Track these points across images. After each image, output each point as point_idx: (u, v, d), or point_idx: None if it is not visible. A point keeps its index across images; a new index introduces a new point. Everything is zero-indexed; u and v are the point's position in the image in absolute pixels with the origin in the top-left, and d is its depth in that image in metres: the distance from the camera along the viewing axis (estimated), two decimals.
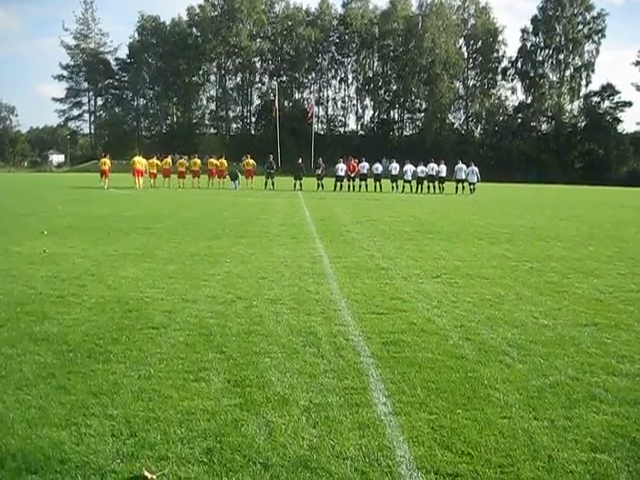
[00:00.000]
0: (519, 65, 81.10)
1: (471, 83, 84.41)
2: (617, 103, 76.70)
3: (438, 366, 4.47)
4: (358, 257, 9.54)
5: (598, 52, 78.35)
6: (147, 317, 5.64)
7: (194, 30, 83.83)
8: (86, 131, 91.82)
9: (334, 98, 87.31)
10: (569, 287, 7.55)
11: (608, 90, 76.37)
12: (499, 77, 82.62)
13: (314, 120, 58.96)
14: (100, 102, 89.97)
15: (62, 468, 2.95)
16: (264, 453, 3.12)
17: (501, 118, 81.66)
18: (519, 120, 79.97)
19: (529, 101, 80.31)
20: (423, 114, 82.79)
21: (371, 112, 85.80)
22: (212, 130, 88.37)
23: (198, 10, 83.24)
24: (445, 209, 21.58)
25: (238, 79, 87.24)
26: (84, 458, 3.03)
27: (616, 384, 4.20)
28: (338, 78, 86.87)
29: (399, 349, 4.85)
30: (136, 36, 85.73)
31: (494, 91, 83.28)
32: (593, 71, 78.16)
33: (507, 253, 10.44)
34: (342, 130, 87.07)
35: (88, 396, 3.79)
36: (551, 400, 3.90)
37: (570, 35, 77.12)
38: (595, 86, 78.82)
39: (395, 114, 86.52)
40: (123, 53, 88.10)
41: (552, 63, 79.42)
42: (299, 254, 9.71)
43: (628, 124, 77.36)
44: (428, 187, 33.28)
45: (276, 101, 53.90)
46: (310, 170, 37.06)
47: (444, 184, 33.16)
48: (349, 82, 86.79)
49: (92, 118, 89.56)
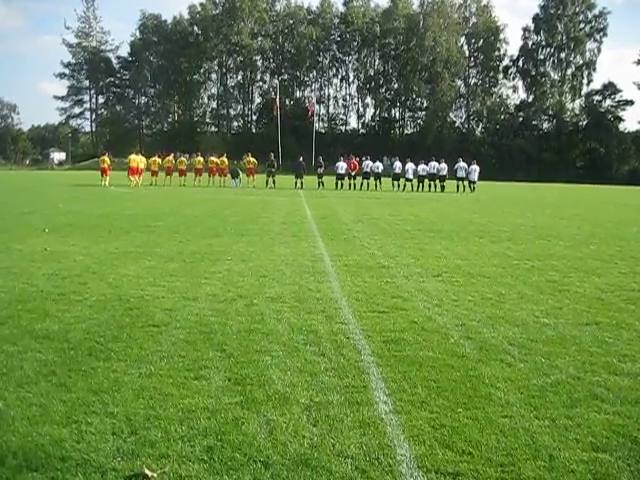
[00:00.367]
0: (520, 63, 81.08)
1: (472, 81, 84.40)
2: (619, 102, 76.73)
3: (439, 365, 4.47)
4: (359, 255, 9.54)
5: (600, 51, 78.60)
6: (148, 315, 5.64)
7: (195, 28, 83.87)
8: (87, 129, 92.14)
9: (335, 96, 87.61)
10: (570, 286, 7.54)
11: (610, 89, 76.34)
12: (500, 75, 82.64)
13: (315, 118, 58.99)
14: (101, 100, 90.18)
15: (63, 466, 2.95)
16: (265, 451, 3.12)
17: (502, 117, 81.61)
18: (520, 119, 79.94)
19: (530, 100, 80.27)
20: (424, 112, 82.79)
21: (372, 110, 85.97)
22: (213, 128, 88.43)
23: (199, 8, 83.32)
24: (446, 208, 21.57)
25: (239, 77, 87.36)
26: (85, 456, 3.03)
27: (617, 383, 4.19)
28: (339, 76, 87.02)
29: (400, 348, 4.84)
30: (137, 34, 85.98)
31: (495, 89, 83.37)
32: (595, 70, 78.34)
33: (508, 252, 10.44)
34: (343, 128, 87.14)
35: (89, 394, 3.79)
36: (552, 399, 3.90)
37: (572, 33, 77.04)
38: (597, 85, 79.08)
39: (396, 112, 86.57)
40: (124, 51, 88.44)
41: (553, 62, 79.42)
42: (300, 252, 9.70)
43: (630, 123, 78.19)
44: (429, 185, 33.28)
45: (277, 99, 53.87)
46: (311, 168, 37.07)
47: (445, 183, 33.15)
48: (350, 80, 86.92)
49: (93, 116, 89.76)
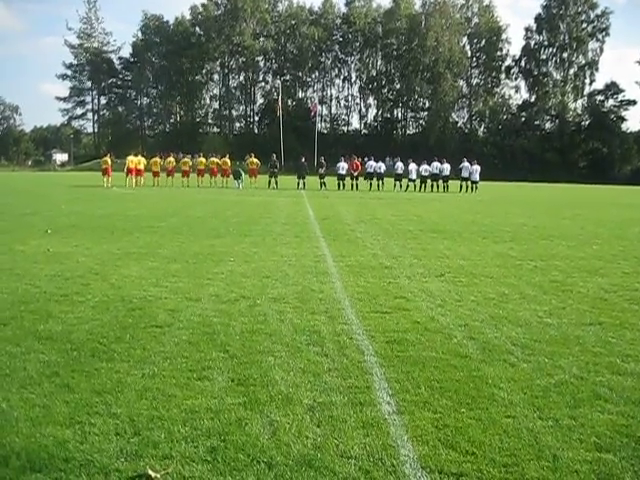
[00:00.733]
0: (523, 64, 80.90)
1: (475, 82, 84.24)
2: (621, 102, 76.52)
3: (442, 365, 4.46)
4: (362, 256, 9.53)
5: (602, 50, 78.29)
6: (151, 316, 5.64)
7: (197, 29, 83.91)
8: (89, 130, 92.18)
9: (337, 97, 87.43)
10: (573, 286, 7.53)
11: (612, 88, 76.16)
12: (503, 76, 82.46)
13: (317, 119, 59.00)
14: (103, 101, 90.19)
15: (66, 467, 2.95)
16: (268, 452, 3.12)
17: (505, 117, 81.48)
18: (523, 119, 79.81)
19: (533, 100, 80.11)
20: (426, 113, 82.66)
21: (374, 111, 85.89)
22: (215, 129, 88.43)
23: (201, 9, 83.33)
24: (448, 208, 21.55)
25: (241, 78, 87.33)
26: (88, 457, 3.03)
27: (621, 383, 4.19)
28: (341, 77, 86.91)
29: (403, 348, 4.84)
30: (139, 35, 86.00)
31: (498, 90, 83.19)
32: (597, 69, 78.08)
33: (511, 252, 10.42)
34: (345, 129, 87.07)
35: (92, 395, 3.79)
36: (556, 399, 3.89)
37: (574, 33, 76.86)
38: (599, 85, 78.89)
39: (398, 113, 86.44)
40: (126, 52, 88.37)
41: (556, 61, 79.19)
42: (303, 253, 9.70)
43: (632, 123, 77.90)
44: (432, 186, 33.26)
45: (279, 100, 53.89)
46: (313, 169, 37.07)
47: (448, 183, 33.12)
48: (352, 81, 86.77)
49: (95, 117, 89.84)
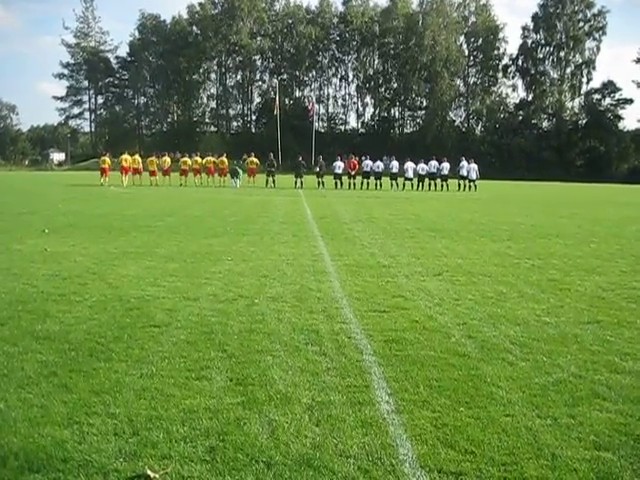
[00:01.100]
0: (520, 62, 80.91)
1: (472, 81, 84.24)
2: (618, 100, 76.56)
3: (440, 364, 4.47)
4: (359, 255, 9.53)
5: (599, 49, 78.24)
6: (148, 315, 5.63)
7: (194, 28, 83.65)
8: (87, 129, 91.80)
9: (335, 96, 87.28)
10: (571, 284, 7.54)
11: (609, 87, 76.21)
12: (500, 74, 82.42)
13: (315, 118, 58.97)
14: (101, 100, 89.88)
15: (64, 467, 2.95)
16: (267, 452, 3.12)
17: (502, 115, 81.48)
18: (520, 117, 79.81)
19: (530, 98, 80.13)
20: (424, 112, 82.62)
21: (372, 110, 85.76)
22: (213, 128, 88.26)
23: (198, 8, 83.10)
24: (446, 207, 21.56)
25: (239, 77, 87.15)
26: (86, 457, 3.03)
27: (619, 382, 4.19)
28: (339, 76, 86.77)
29: (401, 347, 4.84)
30: (136, 34, 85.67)
31: (495, 88, 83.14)
32: (594, 68, 78.09)
33: (509, 251, 10.43)
34: (343, 128, 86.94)
35: (90, 395, 3.79)
36: (554, 398, 3.90)
37: (571, 32, 76.91)
38: (596, 83, 78.77)
39: (396, 112, 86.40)
40: (123, 51, 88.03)
41: (553, 60, 79.26)
42: (300, 252, 9.70)
43: (629, 121, 77.95)
44: (429, 185, 33.26)
45: (277, 99, 53.84)
46: (311, 168, 37.05)
47: (447, 182, 33.14)
48: (350, 80, 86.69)
49: (93, 116, 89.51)
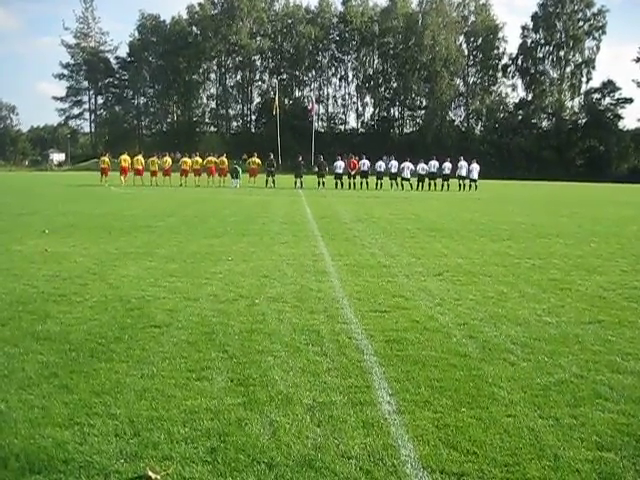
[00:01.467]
0: (519, 62, 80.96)
1: (471, 80, 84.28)
2: (618, 100, 76.62)
3: (442, 364, 4.46)
4: (360, 255, 9.52)
5: (599, 49, 78.32)
6: (149, 316, 5.62)
7: (194, 28, 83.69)
8: (87, 130, 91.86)
9: (334, 96, 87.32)
10: (572, 284, 7.53)
11: (609, 87, 76.25)
12: (499, 74, 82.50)
13: (314, 118, 58.96)
14: (100, 101, 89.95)
15: (65, 468, 2.94)
16: (268, 452, 3.11)
17: (502, 115, 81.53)
18: (520, 117, 79.84)
19: (530, 98, 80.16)
20: (423, 111, 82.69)
21: (371, 110, 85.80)
22: (212, 128, 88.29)
23: (198, 8, 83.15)
24: (446, 206, 21.55)
25: (238, 77, 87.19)
26: (87, 458, 3.02)
27: (621, 382, 4.18)
28: (338, 76, 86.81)
29: (402, 347, 4.83)
30: (136, 35, 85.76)
31: (494, 88, 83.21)
32: (594, 68, 78.17)
33: (509, 250, 10.43)
34: (342, 128, 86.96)
35: (91, 395, 3.78)
36: (556, 398, 3.89)
37: (570, 32, 76.94)
38: (596, 83, 78.85)
39: (395, 112, 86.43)
40: (123, 52, 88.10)
41: (552, 60, 79.30)
42: (301, 252, 9.69)
43: (629, 121, 77.95)
44: (429, 185, 33.25)
45: (276, 99, 53.81)
46: (311, 168, 37.03)
47: (449, 181, 33.12)
48: (349, 80, 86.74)
49: (92, 117, 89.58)
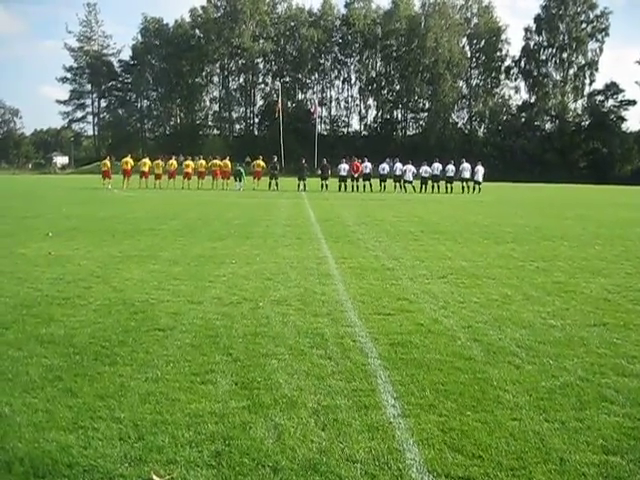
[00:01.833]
0: (522, 64, 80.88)
1: (474, 82, 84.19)
2: (621, 102, 76.47)
3: (446, 367, 4.44)
4: (363, 258, 9.51)
5: (602, 51, 78.15)
6: (153, 319, 5.62)
7: (197, 31, 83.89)
8: (90, 133, 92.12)
9: (337, 98, 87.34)
10: (576, 287, 7.51)
11: (612, 89, 76.12)
12: (502, 76, 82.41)
13: (317, 120, 59.01)
14: (104, 104, 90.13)
15: (70, 472, 2.93)
16: (273, 456, 3.10)
17: (505, 117, 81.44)
18: (523, 119, 79.74)
19: (533, 100, 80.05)
20: (426, 114, 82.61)
21: (374, 112, 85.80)
22: (215, 131, 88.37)
23: (201, 12, 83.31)
24: (449, 209, 21.53)
25: (241, 80, 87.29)
26: (92, 462, 3.01)
27: (626, 385, 4.16)
28: (341, 78, 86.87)
29: (407, 350, 4.82)
30: (139, 38, 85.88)
31: (497, 90, 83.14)
32: (597, 70, 78.00)
33: (513, 253, 10.40)
34: (345, 130, 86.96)
35: (95, 399, 3.77)
36: (561, 401, 3.87)
37: (573, 34, 76.85)
38: (599, 85, 78.79)
39: (398, 114, 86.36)
40: (126, 55, 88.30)
41: (555, 62, 79.17)
42: (304, 255, 9.68)
43: (632, 122, 77.68)
44: (432, 187, 33.22)
45: (279, 102, 53.89)
46: (314, 170, 37.05)
47: (452, 184, 33.10)
48: (352, 82, 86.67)
49: (96, 120, 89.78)
